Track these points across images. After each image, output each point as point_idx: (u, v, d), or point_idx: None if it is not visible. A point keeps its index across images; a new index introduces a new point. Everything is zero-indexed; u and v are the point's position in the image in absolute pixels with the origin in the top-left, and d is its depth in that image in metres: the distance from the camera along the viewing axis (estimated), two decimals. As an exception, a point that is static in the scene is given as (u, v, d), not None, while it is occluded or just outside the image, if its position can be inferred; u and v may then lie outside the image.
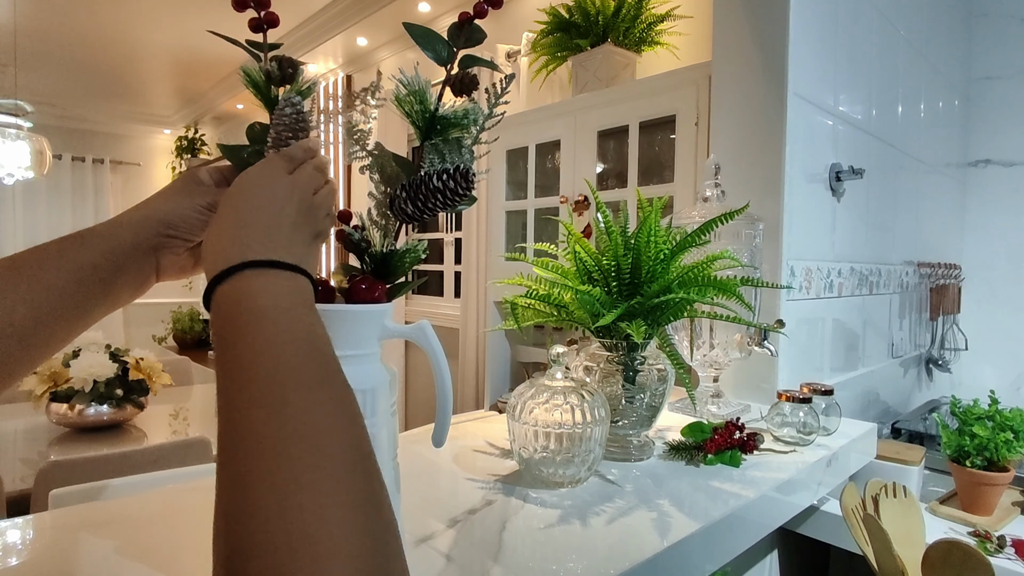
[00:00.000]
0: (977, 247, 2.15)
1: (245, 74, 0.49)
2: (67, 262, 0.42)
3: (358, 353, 0.48)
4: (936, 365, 1.97)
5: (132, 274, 0.46)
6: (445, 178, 0.47)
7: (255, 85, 0.49)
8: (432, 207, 0.47)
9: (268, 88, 0.49)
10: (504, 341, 2.24)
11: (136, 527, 0.63)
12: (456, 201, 0.47)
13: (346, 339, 0.47)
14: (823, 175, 1.33)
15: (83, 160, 5.26)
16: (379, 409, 0.47)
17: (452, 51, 0.51)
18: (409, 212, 0.48)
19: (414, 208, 0.47)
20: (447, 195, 0.47)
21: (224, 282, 0.35)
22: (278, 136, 0.47)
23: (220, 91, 4.65)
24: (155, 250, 0.47)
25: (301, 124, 0.47)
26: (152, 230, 0.46)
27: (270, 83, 0.49)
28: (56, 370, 1.88)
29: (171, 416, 2.27)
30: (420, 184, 0.47)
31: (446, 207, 0.48)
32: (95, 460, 1.44)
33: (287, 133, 0.46)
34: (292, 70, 0.49)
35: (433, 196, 0.47)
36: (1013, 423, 1.06)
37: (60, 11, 3.27)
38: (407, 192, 0.48)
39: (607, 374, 0.87)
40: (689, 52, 1.96)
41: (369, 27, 3.21)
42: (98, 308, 0.44)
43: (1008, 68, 2.09)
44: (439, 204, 0.47)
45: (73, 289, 0.42)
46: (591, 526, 0.64)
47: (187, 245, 0.49)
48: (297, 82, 0.50)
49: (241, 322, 0.33)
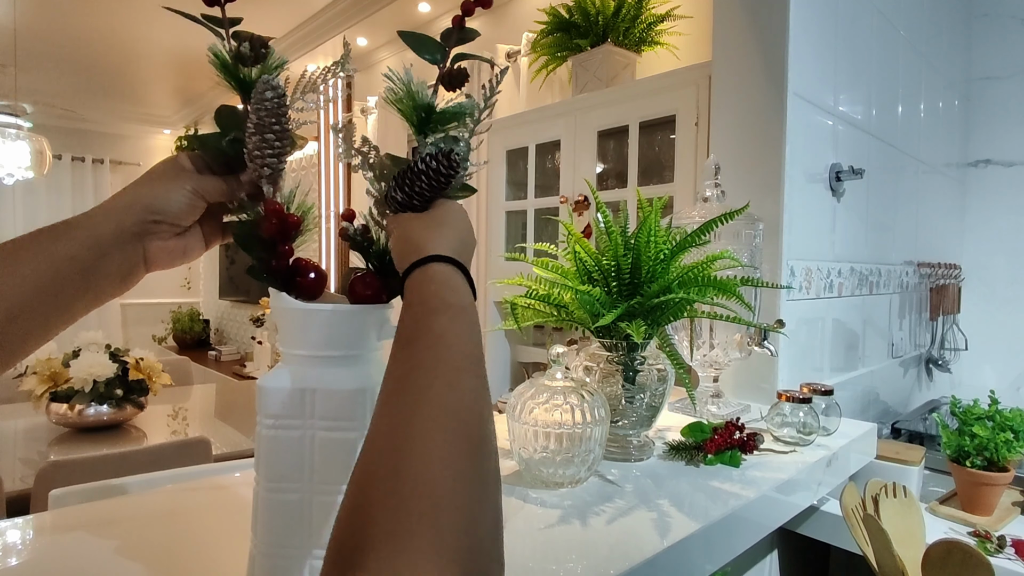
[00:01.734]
0: (977, 247, 2.15)
1: (214, 55, 0.48)
2: (42, 253, 0.41)
3: (359, 353, 0.48)
4: (936, 365, 1.97)
5: (116, 264, 0.44)
6: (428, 159, 0.47)
7: (224, 67, 0.48)
8: (420, 191, 0.47)
9: (237, 68, 0.47)
10: (504, 341, 2.24)
11: (136, 527, 0.63)
12: (443, 183, 0.47)
13: (344, 339, 0.47)
14: (823, 175, 1.33)
15: (83, 160, 5.26)
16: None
17: (445, 51, 0.51)
18: (399, 200, 0.48)
19: (403, 195, 0.47)
20: (431, 176, 0.47)
21: (425, 265, 0.43)
22: (260, 121, 0.45)
23: (220, 91, 4.65)
24: (140, 237, 0.45)
25: (283, 109, 0.46)
26: (137, 216, 0.45)
27: (241, 64, 0.47)
28: (56, 370, 1.88)
29: (170, 416, 2.27)
30: (407, 170, 0.48)
31: (434, 189, 0.47)
32: (95, 460, 1.44)
33: (270, 119, 0.45)
34: (264, 49, 0.47)
35: (417, 178, 0.47)
36: (1013, 423, 1.05)
37: (60, 11, 3.27)
38: (396, 182, 0.48)
39: (607, 374, 0.87)
40: (689, 52, 1.96)
41: (369, 27, 3.21)
42: (78, 302, 0.43)
43: (1008, 68, 2.09)
44: (425, 187, 0.47)
45: (48, 282, 0.41)
46: (591, 526, 0.64)
47: (174, 231, 0.47)
48: (268, 62, 0.49)
49: (441, 304, 0.41)
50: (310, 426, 0.46)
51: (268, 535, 0.46)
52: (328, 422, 0.46)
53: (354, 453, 0.46)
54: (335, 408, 0.46)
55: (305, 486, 0.45)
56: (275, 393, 0.45)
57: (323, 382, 0.46)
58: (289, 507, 0.45)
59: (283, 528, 0.45)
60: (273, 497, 0.45)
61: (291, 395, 0.45)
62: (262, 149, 0.46)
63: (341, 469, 0.46)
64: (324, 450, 0.46)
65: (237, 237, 0.49)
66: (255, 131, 0.46)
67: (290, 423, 0.45)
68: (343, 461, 0.46)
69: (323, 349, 0.46)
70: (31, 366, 1.88)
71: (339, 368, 0.47)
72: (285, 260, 0.47)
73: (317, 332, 0.46)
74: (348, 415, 0.46)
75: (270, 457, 0.45)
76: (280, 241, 0.46)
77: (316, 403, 0.46)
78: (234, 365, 4.54)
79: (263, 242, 0.47)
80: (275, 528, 0.45)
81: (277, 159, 0.47)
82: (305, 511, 0.45)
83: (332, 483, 0.46)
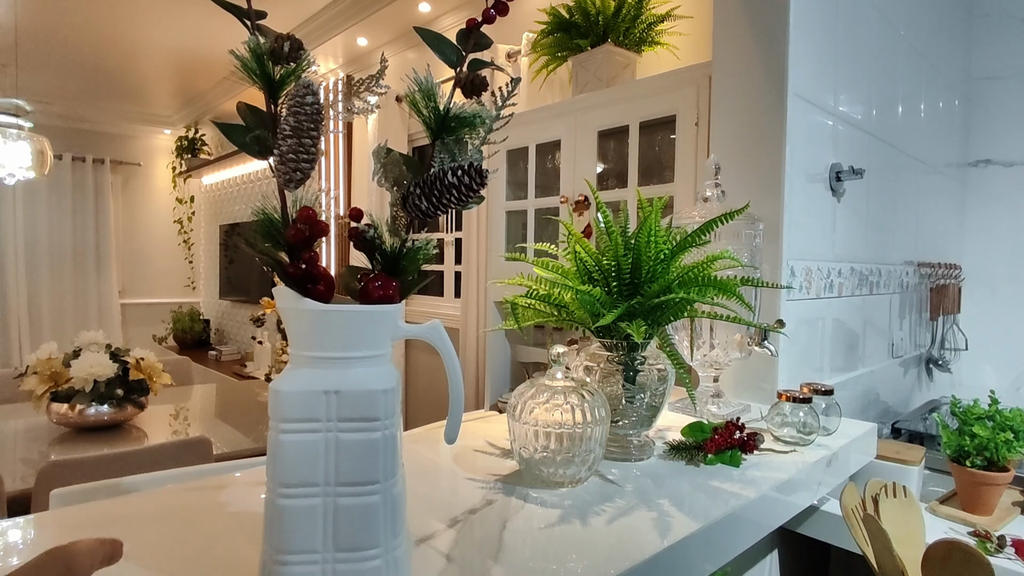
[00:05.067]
0: (977, 247, 2.15)
1: (246, 53, 0.46)
2: None
3: (374, 354, 0.47)
4: (936, 365, 1.97)
5: None
6: (460, 174, 0.47)
7: (256, 62, 0.46)
8: (446, 203, 0.47)
9: (263, 66, 0.46)
10: (504, 341, 2.24)
11: (138, 526, 0.63)
12: (469, 197, 0.47)
13: (361, 340, 0.46)
14: (823, 175, 1.33)
15: (83, 160, 5.25)
16: (396, 410, 0.48)
17: (461, 55, 0.51)
18: (423, 208, 0.47)
19: (428, 204, 0.47)
20: (462, 191, 0.47)
21: None
22: (299, 125, 0.44)
23: (220, 91, 4.65)
24: None
25: (321, 115, 0.45)
26: None
27: (275, 62, 0.46)
28: (56, 370, 1.88)
29: (171, 416, 2.27)
30: (435, 180, 0.47)
31: (460, 204, 0.47)
32: (95, 460, 1.45)
33: (309, 124, 0.44)
34: (301, 50, 0.47)
35: (448, 192, 0.47)
36: (1013, 423, 1.06)
37: (60, 11, 3.27)
38: (421, 189, 0.48)
39: (607, 374, 0.87)
40: (689, 52, 1.96)
41: (369, 27, 3.21)
42: None
43: (1009, 68, 2.08)
44: (453, 200, 0.47)
45: None
46: (591, 526, 0.64)
47: None
48: (301, 62, 0.48)
49: None
50: (332, 428, 0.45)
51: (285, 543, 0.45)
52: (353, 423, 0.45)
53: (379, 453, 0.46)
54: (361, 409, 0.45)
55: (327, 490, 0.45)
56: (293, 397, 0.45)
57: (347, 383, 0.45)
58: (309, 513, 0.45)
59: (302, 535, 0.45)
60: (291, 503, 0.45)
61: (310, 398, 0.45)
62: (298, 154, 0.45)
63: (366, 470, 0.45)
64: (349, 452, 0.45)
65: (253, 238, 0.48)
66: (292, 134, 0.44)
67: (310, 426, 0.45)
68: (368, 462, 0.45)
69: (346, 350, 0.46)
70: (32, 366, 1.88)
71: (362, 368, 0.46)
72: (307, 266, 0.46)
73: (340, 333, 0.46)
74: (374, 415, 0.45)
75: (288, 462, 0.45)
76: (304, 247, 0.46)
77: (340, 405, 0.45)
78: (234, 365, 4.54)
79: (286, 246, 0.46)
80: (293, 535, 0.45)
81: (311, 165, 0.46)
82: (327, 516, 0.45)
83: (357, 484, 0.45)
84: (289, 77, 0.48)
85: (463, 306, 2.70)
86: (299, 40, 0.47)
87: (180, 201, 5.88)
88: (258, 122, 0.48)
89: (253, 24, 0.47)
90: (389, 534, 0.46)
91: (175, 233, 5.88)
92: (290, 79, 0.48)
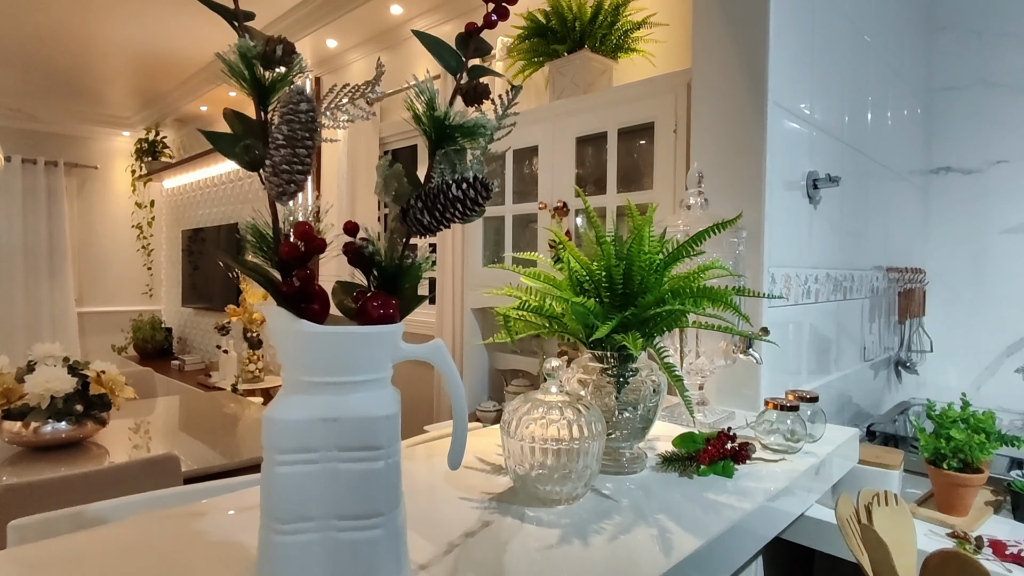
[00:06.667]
0: (939, 252, 2.22)
1: (235, 56, 0.43)
2: None
3: (375, 377, 0.44)
4: (904, 367, 2.03)
5: None
6: (465, 187, 0.45)
7: (246, 67, 0.43)
8: (450, 217, 0.45)
9: (253, 71, 0.44)
10: (481, 349, 2.21)
11: (107, 565, 0.59)
12: (473, 211, 0.45)
13: (361, 363, 0.44)
14: (801, 183, 1.35)
15: (34, 163, 5.02)
16: (398, 436, 0.45)
17: (461, 60, 0.49)
18: (425, 223, 0.45)
19: (431, 219, 0.45)
20: (467, 204, 0.44)
21: None
22: (293, 134, 0.42)
23: (183, 92, 4.50)
24: None
25: (315, 123, 0.43)
26: None
27: (266, 66, 0.44)
28: (8, 386, 1.77)
29: (132, 430, 2.17)
30: (438, 194, 0.45)
31: (462, 218, 0.45)
32: (55, 482, 1.36)
33: (303, 132, 0.42)
34: (292, 52, 0.44)
35: (452, 206, 0.44)
36: (985, 425, 1.08)
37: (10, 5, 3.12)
38: (423, 202, 0.45)
39: (599, 386, 0.85)
40: (665, 60, 1.98)
41: (339, 29, 3.15)
42: None
43: (965, 79, 2.17)
44: (457, 214, 0.45)
45: None
46: (592, 545, 0.62)
47: None
48: (293, 67, 0.45)
49: None
50: (331, 458, 0.42)
51: None
52: (354, 452, 0.42)
53: (382, 484, 0.43)
54: (361, 437, 0.42)
55: (326, 523, 0.42)
56: (288, 425, 0.42)
57: (346, 410, 0.42)
58: (309, 550, 0.42)
59: (300, 575, 0.41)
60: (289, 540, 0.42)
61: (307, 426, 0.42)
62: (292, 164, 0.42)
63: (368, 502, 0.42)
64: (349, 483, 0.42)
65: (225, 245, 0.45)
66: (286, 144, 0.42)
67: (307, 457, 0.42)
68: (370, 494, 0.42)
69: (345, 374, 0.43)
70: (-19, 382, 1.77)
71: (362, 393, 0.44)
72: (301, 284, 0.43)
73: (339, 356, 0.43)
74: (375, 443, 0.43)
75: (284, 495, 0.42)
76: (298, 264, 0.43)
77: (339, 433, 0.42)
78: (199, 375, 4.39)
79: (277, 263, 0.43)
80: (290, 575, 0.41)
81: (304, 175, 0.43)
82: (328, 552, 0.42)
83: (359, 518, 0.42)
84: (280, 82, 0.45)
85: (438, 313, 2.66)
86: (291, 43, 0.44)
87: (139, 205, 5.67)
88: (247, 130, 0.45)
89: (241, 25, 0.44)
90: (393, 570, 0.44)
91: (134, 239, 5.67)
92: (281, 84, 0.45)
